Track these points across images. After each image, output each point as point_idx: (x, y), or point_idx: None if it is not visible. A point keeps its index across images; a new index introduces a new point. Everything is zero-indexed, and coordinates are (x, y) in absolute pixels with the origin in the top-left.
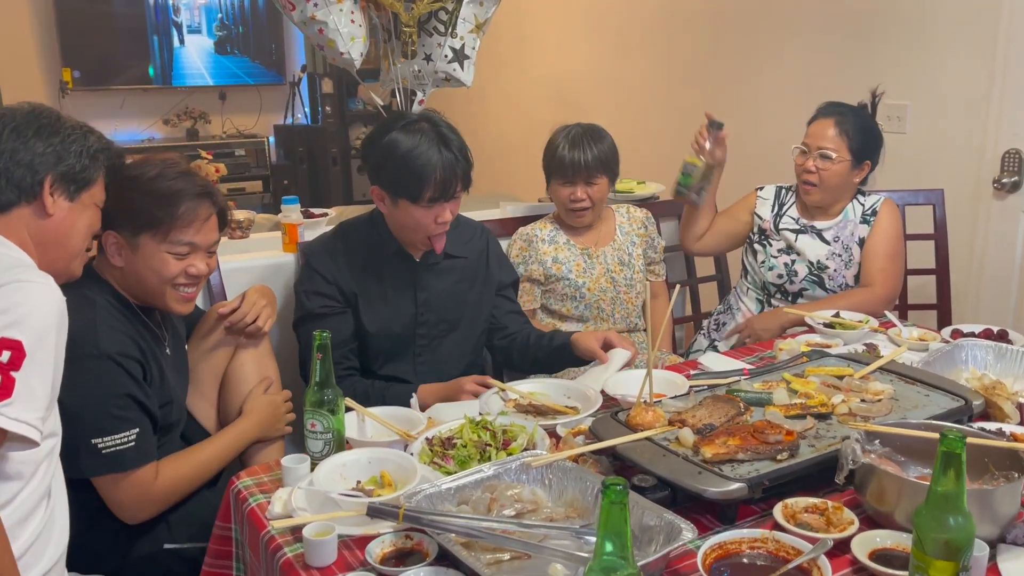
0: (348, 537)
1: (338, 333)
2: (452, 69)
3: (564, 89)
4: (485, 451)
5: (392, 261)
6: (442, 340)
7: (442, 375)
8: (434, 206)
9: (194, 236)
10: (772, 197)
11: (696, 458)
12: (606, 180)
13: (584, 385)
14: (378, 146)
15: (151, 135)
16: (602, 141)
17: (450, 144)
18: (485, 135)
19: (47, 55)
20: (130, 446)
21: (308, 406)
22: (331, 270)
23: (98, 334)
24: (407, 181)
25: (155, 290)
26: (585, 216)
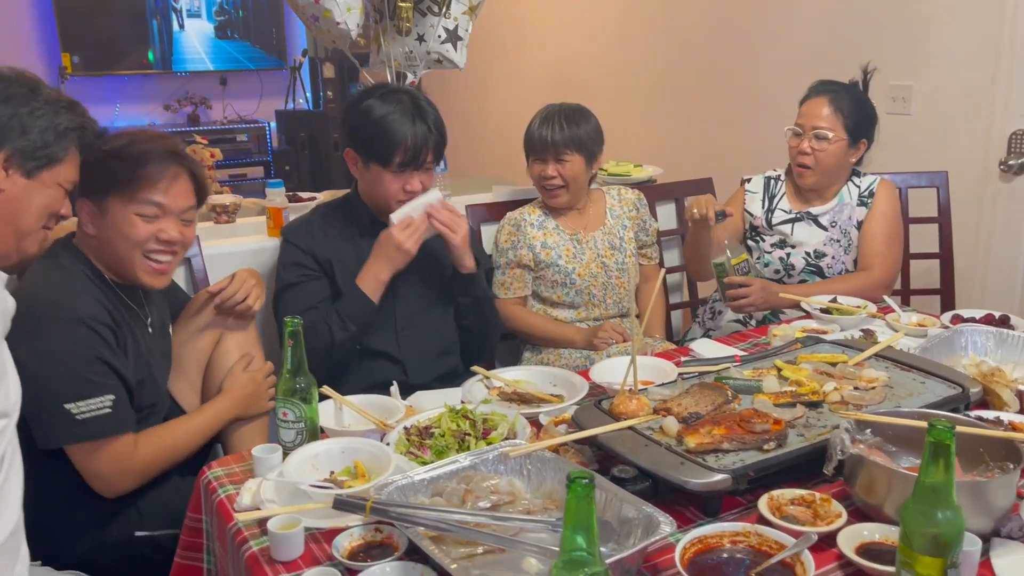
0: (316, 530)
1: (313, 297)
2: (445, 50)
3: (565, 72)
4: (464, 441)
5: (367, 231)
6: (422, 315)
7: (425, 351)
8: (403, 173)
9: (162, 197)
10: (761, 190)
11: (679, 448)
12: (579, 159)
13: (570, 373)
14: (355, 110)
15: (152, 121)
16: (578, 120)
17: (425, 115)
18: (485, 120)
19: (46, 40)
20: (106, 412)
21: (280, 394)
22: (306, 241)
23: (70, 299)
24: (379, 145)
25: (126, 257)
26: (559, 196)
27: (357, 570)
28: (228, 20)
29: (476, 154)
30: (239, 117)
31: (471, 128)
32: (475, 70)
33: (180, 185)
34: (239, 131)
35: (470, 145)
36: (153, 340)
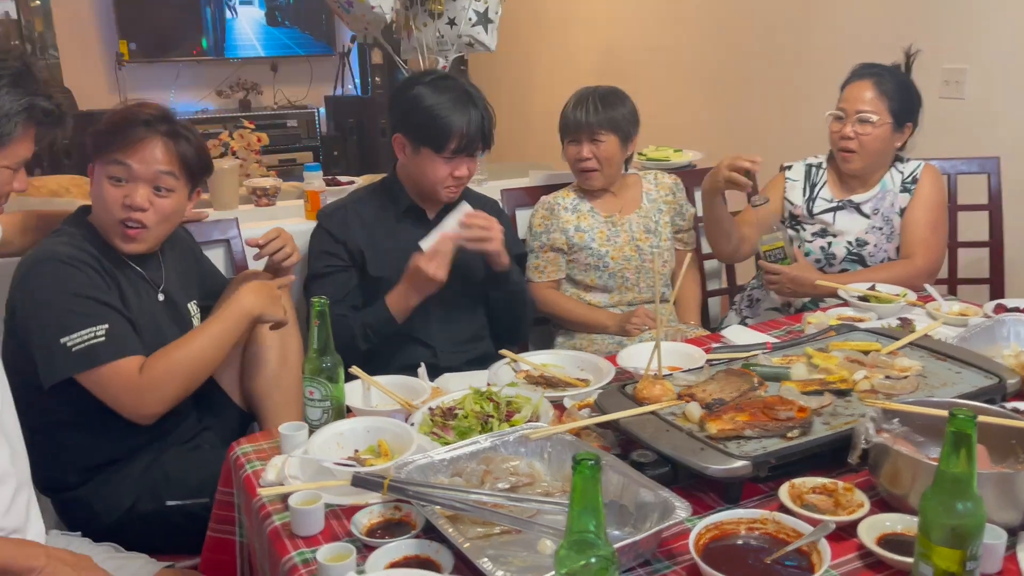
0: (337, 507)
1: (339, 289)
2: (476, 33)
3: (611, 58)
4: (487, 422)
5: (404, 218)
6: (455, 302)
7: (457, 335)
8: (455, 159)
9: (129, 158)
10: (802, 178)
11: (701, 434)
12: (614, 139)
13: (598, 358)
14: (406, 95)
15: (205, 106)
16: (614, 103)
17: (477, 101)
18: (530, 106)
19: (105, 28)
20: (100, 340)
21: (306, 373)
22: (340, 229)
23: (54, 246)
24: (433, 131)
25: (104, 221)
26: (594, 177)
27: (374, 546)
28: (279, 7)
29: (520, 140)
30: (289, 103)
31: (516, 113)
32: (520, 54)
33: (149, 149)
34: (289, 117)
35: (514, 130)
36: (162, 308)
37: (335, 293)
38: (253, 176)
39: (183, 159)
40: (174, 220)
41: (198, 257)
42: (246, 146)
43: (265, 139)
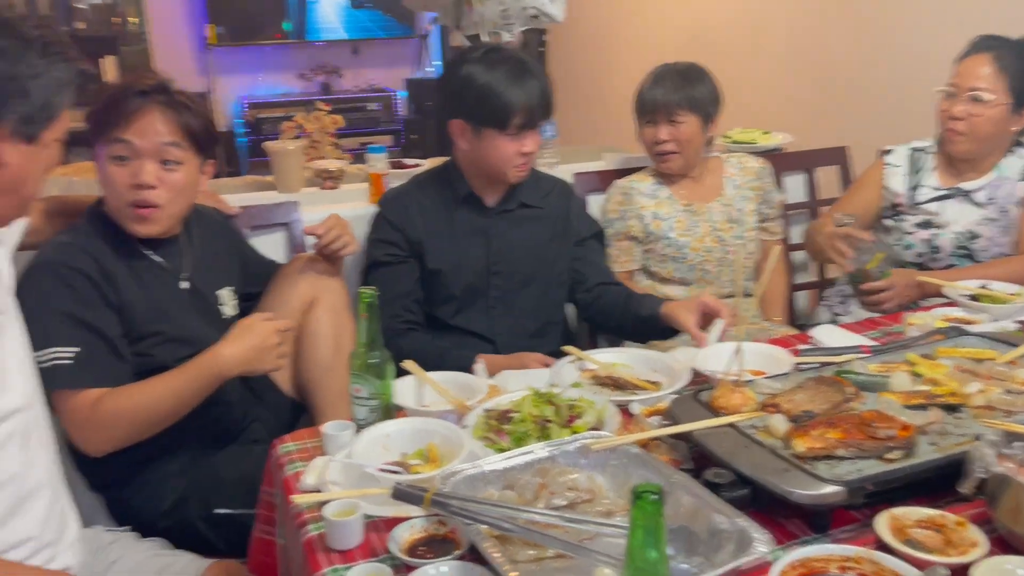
0: (379, 518)
1: (399, 283)
2: (541, 4)
3: (699, 35)
4: (546, 428)
5: (463, 207)
6: (518, 293)
7: (518, 330)
8: (520, 135)
9: (129, 134)
10: (904, 163)
11: (786, 452)
12: (694, 120)
13: (672, 358)
14: (457, 78)
15: (288, 89)
16: (694, 79)
17: (534, 70)
18: (610, 86)
19: (193, 12)
20: (65, 363)
21: (353, 369)
22: (399, 217)
23: (52, 247)
24: (493, 109)
25: (114, 206)
26: (672, 161)
27: (413, 566)
28: None
29: (599, 121)
30: (369, 86)
31: (595, 94)
32: (602, 33)
33: (149, 121)
34: (369, 100)
35: (593, 112)
36: (184, 295)
37: (394, 285)
38: (328, 158)
39: (186, 128)
40: (188, 195)
41: (236, 241)
42: (320, 128)
43: (340, 121)
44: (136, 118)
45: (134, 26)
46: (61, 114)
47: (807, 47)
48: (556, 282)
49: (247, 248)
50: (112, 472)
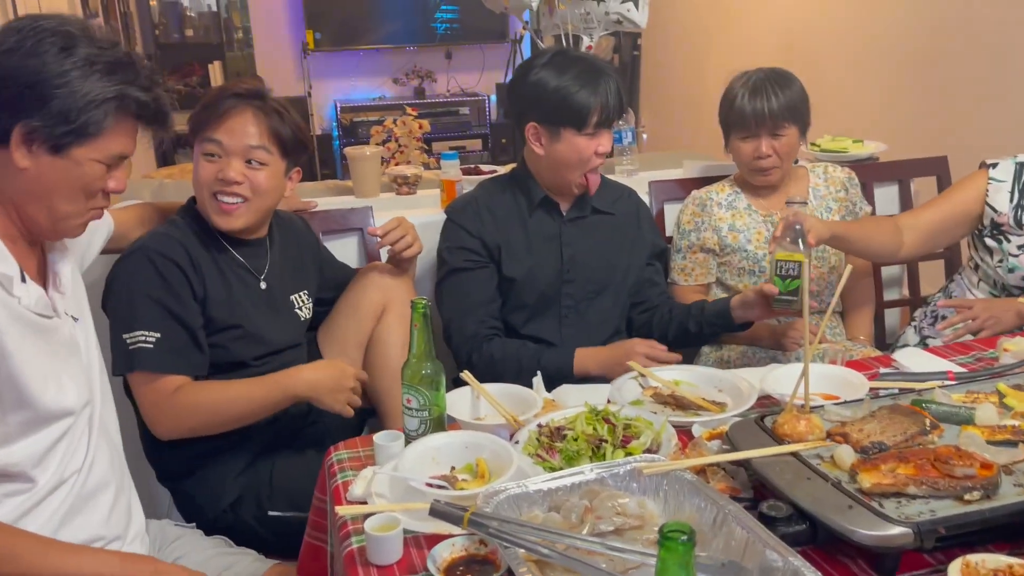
0: (420, 534)
1: (482, 290)
2: (626, 10)
3: (795, 40)
4: (599, 447)
5: (537, 213)
6: (590, 303)
7: (588, 340)
8: (597, 134)
9: (220, 134)
10: (1010, 179)
11: (851, 486)
12: (795, 131)
13: (740, 377)
14: (528, 83)
15: (382, 94)
16: (789, 86)
17: (605, 69)
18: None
19: (294, 19)
20: (147, 347)
21: (405, 380)
22: (474, 224)
23: (150, 236)
24: (571, 109)
25: (200, 200)
26: (772, 174)
27: None
28: None
29: (691, 127)
30: (461, 90)
31: (688, 101)
32: (693, 40)
33: (239, 122)
34: (461, 104)
35: (685, 120)
36: (262, 295)
37: (476, 291)
38: (414, 163)
39: (275, 133)
40: (270, 197)
41: (315, 248)
42: (408, 133)
43: (426, 126)
44: (228, 119)
45: (239, 33)
46: (102, 133)
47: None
48: (627, 292)
49: (325, 255)
50: (178, 464)
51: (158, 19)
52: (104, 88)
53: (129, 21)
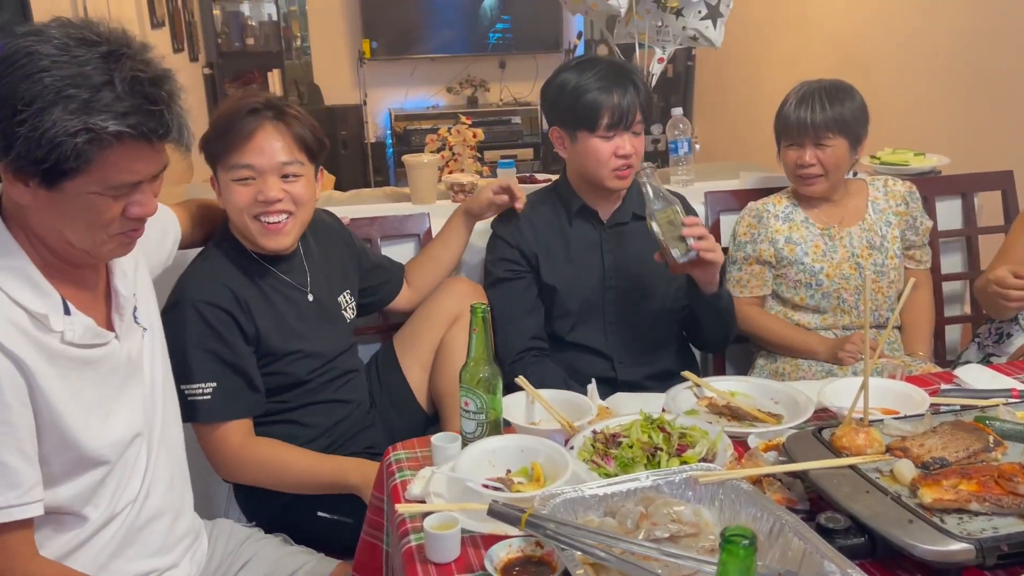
0: (477, 534)
1: (522, 298)
2: (704, 27)
3: (852, 50)
4: (654, 455)
5: (576, 220)
6: (635, 309)
7: (636, 347)
8: (614, 136)
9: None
10: None
11: (911, 501)
12: (843, 143)
13: (797, 389)
14: (552, 86)
15: (435, 102)
16: (842, 99)
17: (626, 73)
18: (760, 102)
19: (351, 28)
20: (205, 399)
21: (463, 383)
22: (512, 234)
23: (192, 280)
24: (583, 110)
25: (242, 225)
26: (816, 184)
27: None
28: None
29: (747, 138)
30: (514, 99)
31: (744, 109)
32: (749, 50)
33: (264, 140)
34: (513, 113)
35: (739, 131)
36: (312, 307)
37: (518, 301)
38: (467, 170)
39: (300, 141)
40: (311, 204)
41: (349, 243)
42: (462, 141)
43: (480, 135)
44: (252, 139)
45: (298, 41)
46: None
47: (968, 60)
48: (672, 297)
49: (360, 248)
50: None
51: (220, 28)
52: (67, 121)
53: (193, 30)
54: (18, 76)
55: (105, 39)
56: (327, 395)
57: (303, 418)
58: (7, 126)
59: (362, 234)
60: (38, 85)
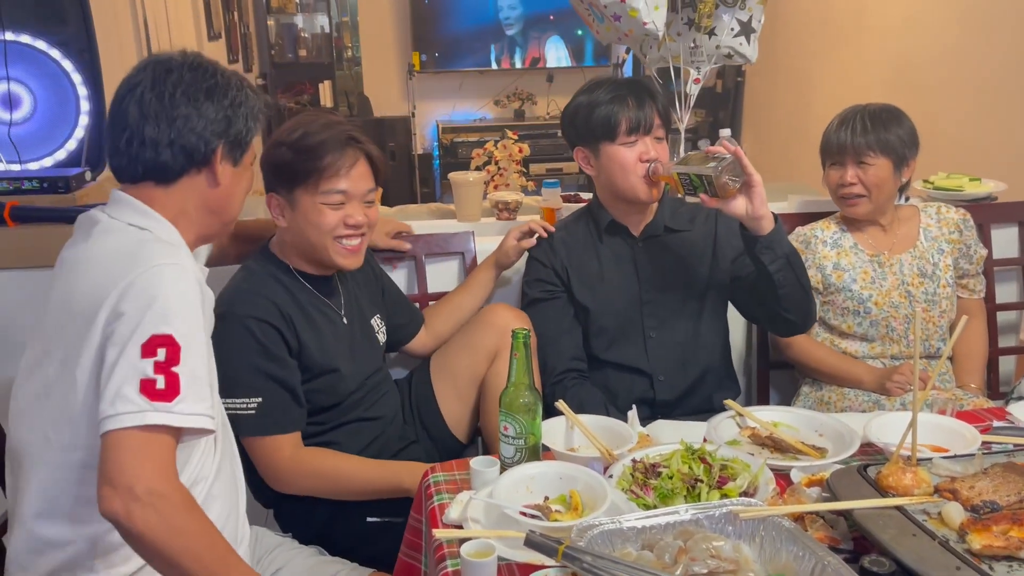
0: (512, 562)
1: (560, 320)
2: (738, 44)
3: (907, 70)
4: (695, 487)
5: (607, 237)
6: (675, 323)
7: (676, 360)
8: (635, 140)
9: (345, 184)
10: None
11: (959, 546)
12: (885, 163)
13: (843, 422)
14: (568, 112)
15: (483, 115)
16: (886, 123)
17: (639, 83)
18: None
19: (401, 40)
20: (249, 413)
21: (502, 407)
22: (546, 254)
23: (238, 296)
24: (599, 122)
25: (319, 244)
26: (858, 205)
27: None
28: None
29: (796, 159)
30: (561, 112)
31: (793, 131)
32: (800, 68)
33: (359, 170)
34: (559, 127)
35: (791, 149)
36: (347, 330)
37: (554, 321)
38: (513, 186)
39: (377, 172)
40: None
41: (376, 271)
42: (508, 156)
43: (526, 150)
44: (351, 170)
45: (349, 52)
46: (255, 138)
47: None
48: (712, 308)
49: (385, 277)
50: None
51: (274, 39)
52: (260, 101)
53: (248, 42)
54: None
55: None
56: (359, 414)
57: (337, 438)
58: (232, 110)
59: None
60: (232, 82)
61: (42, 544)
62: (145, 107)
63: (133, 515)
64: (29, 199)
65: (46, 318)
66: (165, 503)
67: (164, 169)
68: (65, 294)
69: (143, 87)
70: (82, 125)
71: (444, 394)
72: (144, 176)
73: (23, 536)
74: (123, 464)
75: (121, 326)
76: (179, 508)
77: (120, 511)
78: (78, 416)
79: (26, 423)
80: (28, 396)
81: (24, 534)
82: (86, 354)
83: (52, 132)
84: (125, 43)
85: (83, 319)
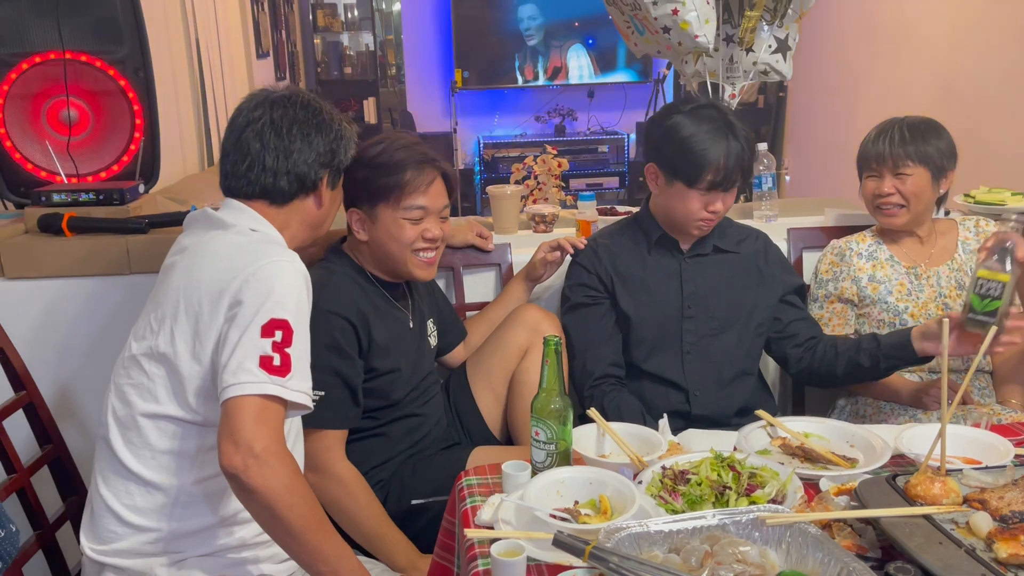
0: (541, 563)
1: (601, 325)
2: (774, 60)
3: (952, 85)
4: (723, 494)
5: (656, 249)
6: (713, 340)
7: (713, 377)
8: (709, 194)
9: (424, 200)
10: None
11: (986, 555)
12: (923, 172)
13: (874, 433)
14: (661, 126)
15: (523, 131)
16: (925, 135)
17: (737, 132)
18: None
19: (444, 58)
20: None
21: (534, 412)
22: (591, 261)
23: (320, 291)
24: (687, 163)
25: (398, 257)
26: (897, 216)
27: None
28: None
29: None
30: (601, 128)
31: (836, 145)
32: (843, 82)
33: (437, 187)
34: (600, 142)
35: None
36: (412, 333)
37: (596, 327)
38: (552, 200)
39: (451, 189)
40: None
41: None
42: (547, 171)
43: (565, 164)
44: (430, 187)
45: (392, 70)
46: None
47: None
48: (753, 332)
49: (437, 287)
50: None
51: (320, 57)
52: (353, 132)
53: (295, 59)
54: (328, 115)
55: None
56: (411, 410)
57: (389, 431)
58: (337, 142)
59: (445, 263)
60: (332, 112)
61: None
62: (265, 140)
63: (250, 470)
64: (86, 211)
65: (165, 296)
66: (279, 462)
67: (279, 193)
68: (188, 278)
69: (263, 122)
70: (136, 140)
71: (481, 394)
72: (259, 196)
73: (110, 497)
74: (244, 425)
75: (244, 310)
76: (290, 468)
77: (239, 466)
78: (185, 382)
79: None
80: (133, 362)
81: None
82: (205, 332)
83: (108, 147)
84: (177, 61)
85: (209, 300)
